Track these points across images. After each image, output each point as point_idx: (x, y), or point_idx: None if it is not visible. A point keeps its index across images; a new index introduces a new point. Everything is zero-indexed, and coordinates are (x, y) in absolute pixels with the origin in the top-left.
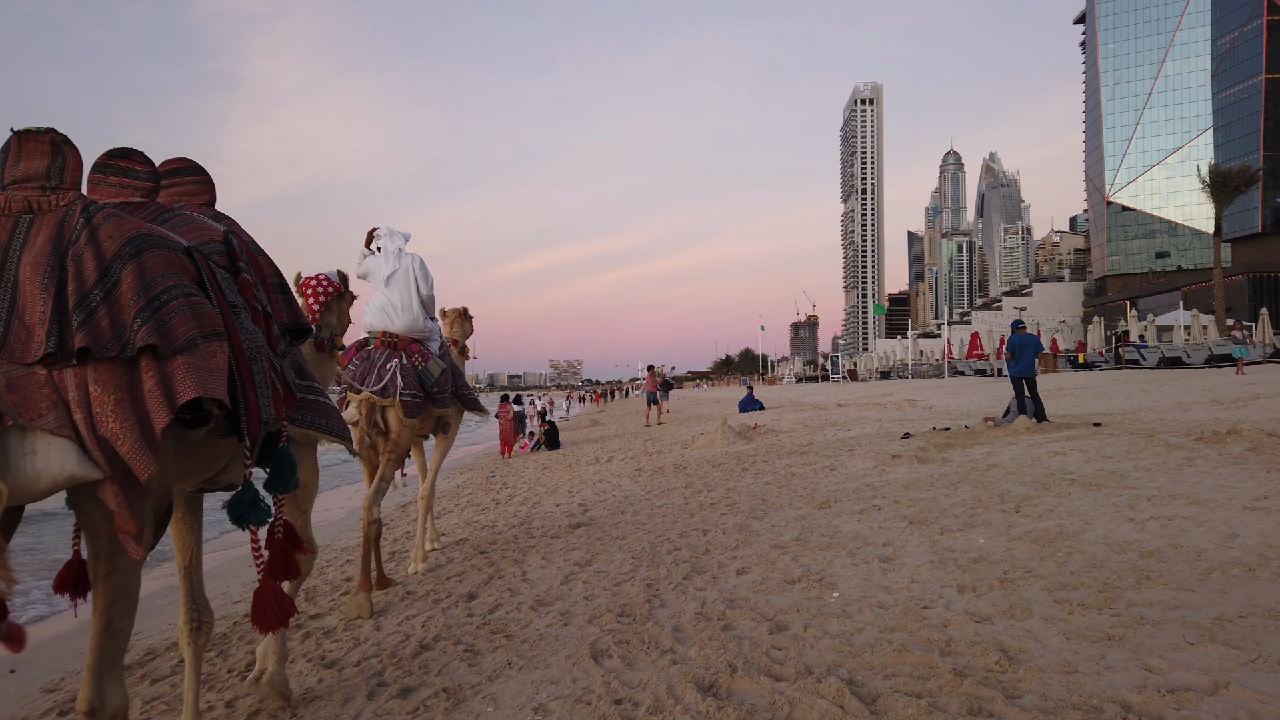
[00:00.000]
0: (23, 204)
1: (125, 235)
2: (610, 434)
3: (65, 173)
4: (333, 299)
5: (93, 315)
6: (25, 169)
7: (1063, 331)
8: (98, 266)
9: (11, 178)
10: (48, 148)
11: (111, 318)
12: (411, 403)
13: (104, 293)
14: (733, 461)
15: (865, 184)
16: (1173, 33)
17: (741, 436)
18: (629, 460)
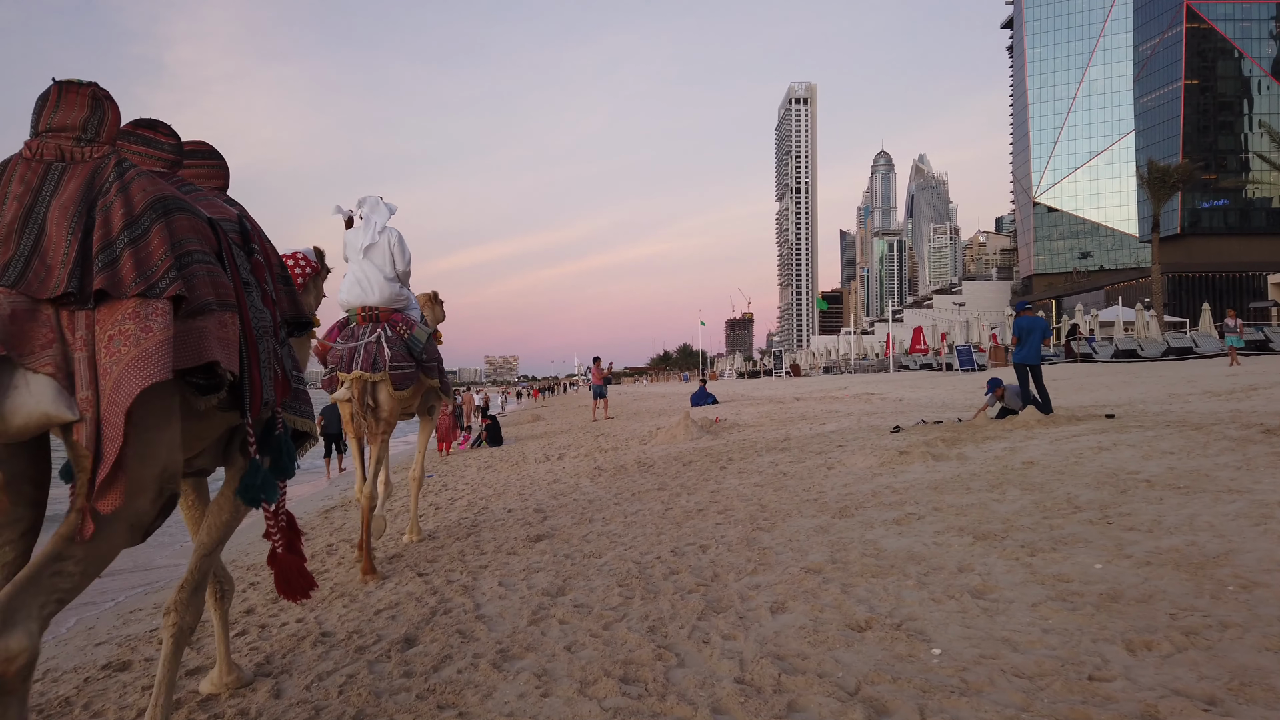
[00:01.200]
0: (55, 151)
1: (156, 194)
2: (555, 429)
3: (103, 127)
4: (310, 278)
5: (115, 262)
6: (62, 119)
7: (978, 328)
8: (125, 217)
9: (47, 125)
10: (88, 100)
11: (136, 264)
12: (401, 375)
13: (130, 240)
14: (705, 459)
15: (800, 182)
16: (1096, 39)
17: (706, 431)
18: (583, 458)
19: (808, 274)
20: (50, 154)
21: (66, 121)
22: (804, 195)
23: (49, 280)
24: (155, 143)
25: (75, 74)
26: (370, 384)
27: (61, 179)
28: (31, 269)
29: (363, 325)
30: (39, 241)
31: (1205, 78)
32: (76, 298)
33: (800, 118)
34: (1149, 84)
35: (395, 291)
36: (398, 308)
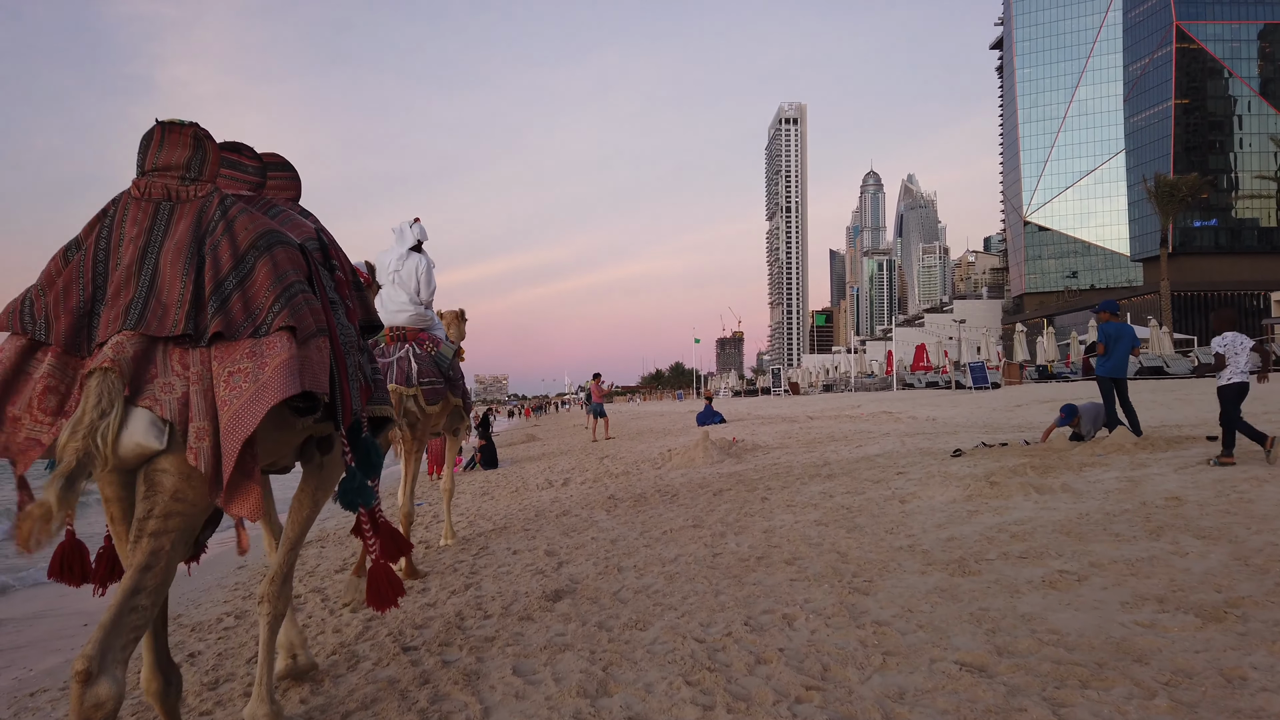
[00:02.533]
0: (162, 191)
1: (258, 230)
2: (554, 450)
3: (205, 166)
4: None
5: (226, 302)
6: (166, 158)
7: (986, 345)
8: (232, 256)
9: (153, 165)
10: (190, 140)
11: (245, 303)
12: (431, 389)
13: (238, 280)
14: (738, 487)
15: (790, 202)
16: (1085, 59)
17: (726, 453)
18: (592, 483)
19: (798, 293)
20: (158, 193)
21: (171, 161)
22: (794, 214)
23: (166, 320)
24: (241, 165)
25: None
26: (407, 396)
27: (171, 219)
28: (150, 309)
29: (391, 345)
30: (154, 282)
31: (1195, 97)
32: (193, 336)
33: (790, 137)
34: (1139, 104)
35: (421, 314)
36: (423, 328)
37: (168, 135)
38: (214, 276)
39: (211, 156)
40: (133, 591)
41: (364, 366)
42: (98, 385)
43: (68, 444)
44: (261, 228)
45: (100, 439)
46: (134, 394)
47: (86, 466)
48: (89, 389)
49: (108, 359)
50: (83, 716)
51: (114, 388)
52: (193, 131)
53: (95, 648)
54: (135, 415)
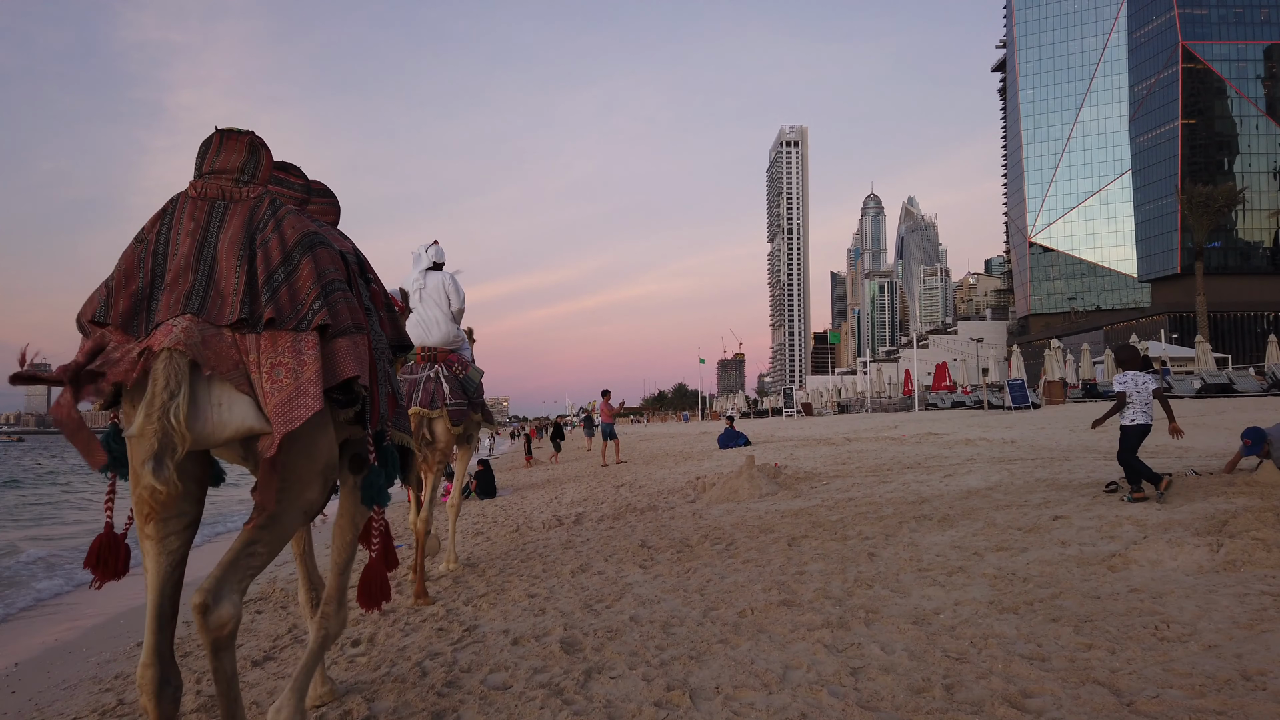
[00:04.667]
0: (217, 191)
1: (303, 230)
2: (560, 476)
3: (259, 170)
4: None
5: (277, 292)
6: (223, 162)
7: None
8: (281, 251)
9: (210, 167)
10: (246, 146)
11: (291, 295)
12: (457, 411)
13: (286, 274)
14: (815, 531)
15: (791, 224)
16: (1090, 79)
17: (774, 481)
18: (612, 522)
19: (800, 315)
20: (213, 193)
21: (228, 164)
22: (795, 236)
23: (225, 308)
24: (288, 183)
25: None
26: (428, 419)
27: (225, 216)
28: (210, 298)
29: (421, 364)
30: (212, 273)
31: (1202, 117)
32: (248, 323)
33: (791, 160)
34: (1145, 124)
35: (454, 333)
36: (454, 348)
37: (226, 141)
38: (265, 268)
39: (265, 162)
40: (250, 541)
41: (392, 378)
42: (165, 367)
43: (144, 427)
44: (307, 229)
45: (174, 418)
46: (228, 378)
47: (170, 447)
48: (156, 371)
49: (179, 341)
50: (211, 636)
51: (180, 369)
52: (249, 139)
53: (212, 584)
54: (239, 399)
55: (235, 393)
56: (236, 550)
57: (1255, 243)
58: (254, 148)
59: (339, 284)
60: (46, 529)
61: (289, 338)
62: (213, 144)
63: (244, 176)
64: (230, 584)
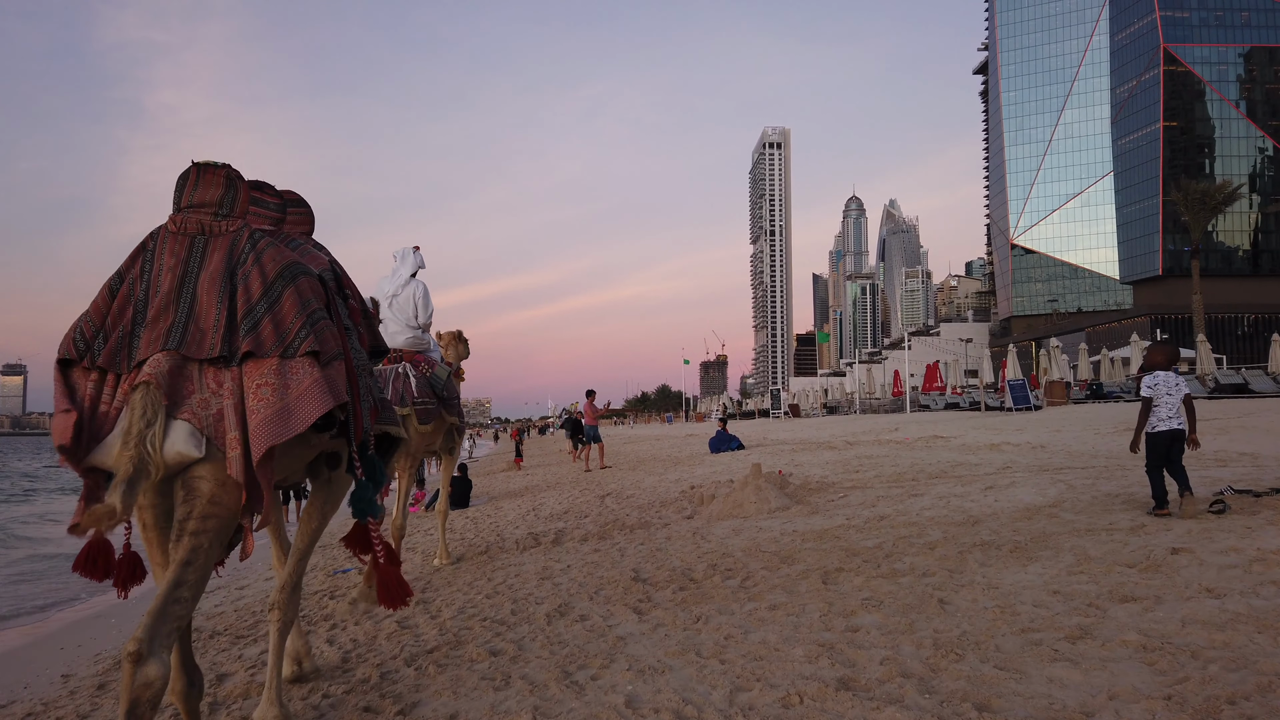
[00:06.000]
0: (196, 226)
1: (284, 262)
2: (539, 483)
3: (236, 204)
4: None
5: (257, 325)
6: (201, 196)
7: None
8: (262, 285)
9: (188, 202)
10: (223, 180)
11: (274, 326)
12: (424, 410)
13: (267, 306)
14: (853, 563)
15: (774, 225)
16: (1071, 82)
17: (786, 494)
18: (597, 542)
19: (782, 316)
20: (193, 228)
21: (206, 199)
22: (778, 238)
23: (204, 343)
24: (264, 203)
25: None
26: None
27: (206, 251)
28: (189, 334)
29: (388, 365)
30: (193, 308)
31: (1183, 119)
32: (226, 359)
33: (774, 162)
34: (1127, 126)
35: (417, 338)
36: (419, 350)
37: (203, 175)
38: (245, 303)
39: (242, 195)
40: (175, 584)
41: (373, 389)
42: (141, 398)
43: (121, 453)
44: (287, 260)
45: (150, 446)
46: (174, 407)
47: (143, 472)
48: (133, 402)
49: (148, 375)
50: (134, 694)
51: (155, 400)
52: (225, 172)
53: (145, 632)
54: (176, 427)
55: (176, 421)
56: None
57: (1234, 246)
58: (231, 181)
59: (321, 313)
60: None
61: (274, 363)
62: (190, 178)
63: (223, 210)
64: (158, 638)
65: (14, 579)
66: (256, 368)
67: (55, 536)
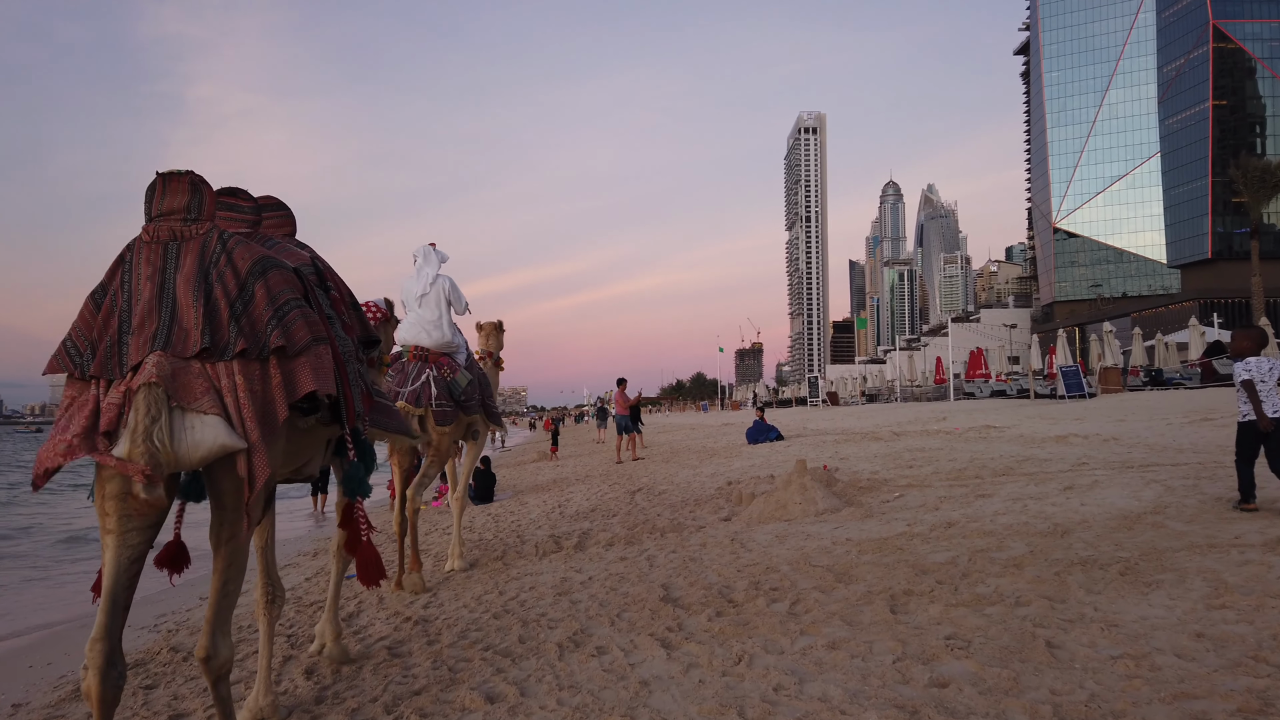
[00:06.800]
0: (168, 233)
1: (254, 257)
2: (568, 475)
3: (203, 207)
4: (380, 324)
5: (240, 322)
6: (169, 204)
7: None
8: (236, 282)
9: (158, 211)
10: (188, 187)
11: (250, 324)
12: (441, 412)
13: (244, 304)
14: (928, 584)
15: (810, 212)
16: (1116, 61)
17: (833, 493)
18: (624, 547)
19: (818, 303)
20: (165, 235)
21: (174, 206)
22: (814, 225)
23: (188, 342)
24: (237, 207)
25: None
26: (415, 416)
27: (179, 255)
28: (174, 334)
29: (413, 363)
30: (174, 310)
31: (1234, 98)
32: (212, 351)
33: (810, 147)
34: (1175, 105)
35: (447, 338)
36: (447, 352)
37: (169, 184)
38: (227, 299)
39: (208, 199)
40: (223, 584)
41: (364, 375)
42: (145, 397)
43: (131, 449)
44: (257, 255)
45: (158, 440)
46: (193, 402)
47: (156, 464)
48: (138, 402)
49: (152, 374)
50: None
51: (160, 398)
52: (189, 178)
53: (208, 638)
54: (207, 421)
55: (205, 416)
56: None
57: None
58: (195, 186)
59: (294, 302)
60: None
61: (256, 366)
62: (157, 188)
63: (190, 215)
64: (223, 626)
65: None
66: (245, 367)
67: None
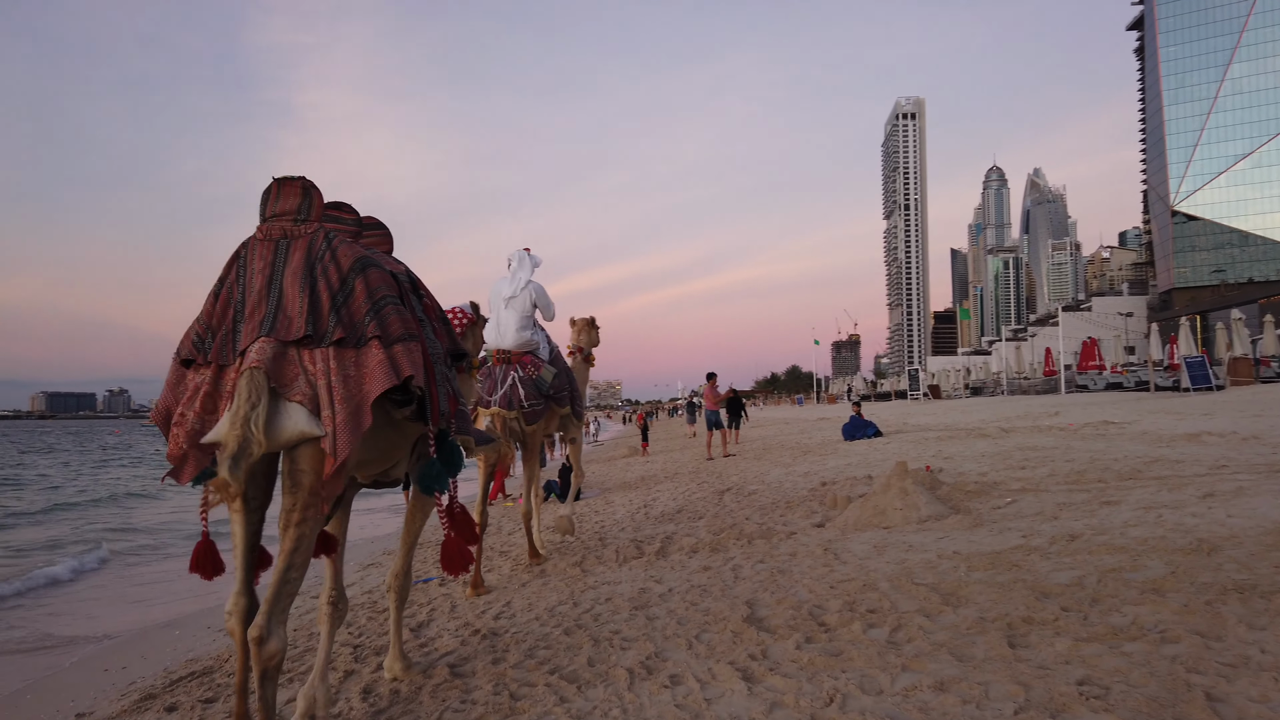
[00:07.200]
0: (280, 232)
1: (355, 255)
2: (657, 472)
3: (312, 209)
4: (468, 328)
5: (341, 312)
6: (283, 206)
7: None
8: (339, 277)
9: (272, 212)
10: (299, 190)
11: (350, 315)
12: (532, 411)
13: (344, 296)
14: (1051, 611)
15: (908, 199)
16: (1239, 33)
17: (937, 497)
18: (708, 555)
19: (918, 293)
20: (277, 234)
21: (286, 208)
22: (913, 212)
23: (291, 328)
24: (341, 219)
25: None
26: (510, 419)
27: (288, 252)
28: (278, 320)
29: (498, 365)
30: (280, 300)
31: None
32: (313, 339)
33: (908, 133)
34: None
35: (526, 339)
36: (528, 350)
37: (282, 188)
38: (329, 291)
39: (317, 201)
40: (286, 568)
41: (450, 380)
42: (247, 382)
43: (229, 432)
44: (358, 254)
45: (253, 426)
46: (285, 390)
47: (247, 449)
48: (240, 386)
49: (255, 361)
50: (263, 666)
51: (260, 384)
52: (301, 183)
53: (265, 618)
54: (291, 409)
55: (292, 403)
56: (276, 583)
57: None
58: (306, 190)
59: (390, 299)
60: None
61: (352, 354)
62: (272, 192)
63: (300, 216)
64: (276, 617)
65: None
66: (341, 355)
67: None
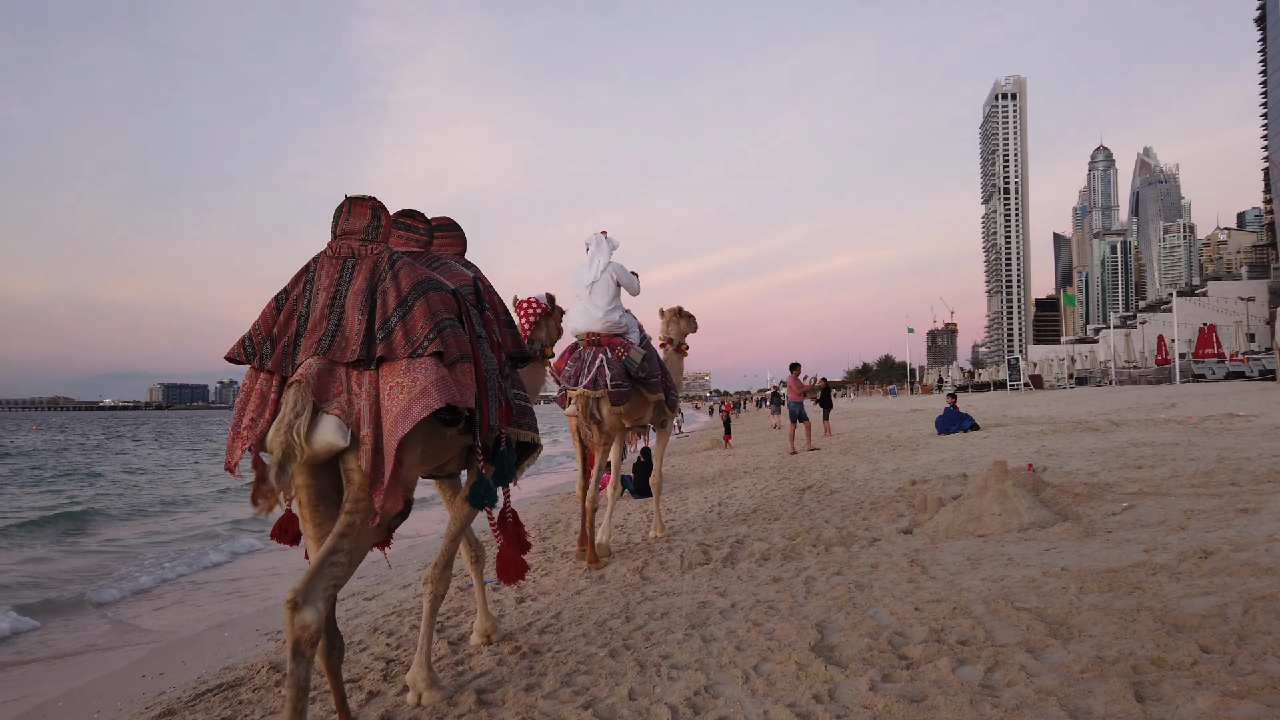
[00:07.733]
0: (348, 251)
1: (416, 279)
2: (738, 465)
3: (379, 230)
4: (541, 318)
5: (390, 333)
6: (352, 225)
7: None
8: (397, 299)
9: (342, 230)
10: (369, 210)
11: (405, 332)
12: (618, 392)
13: (400, 316)
14: (1187, 650)
15: (1007, 183)
16: None
17: (1041, 500)
18: (780, 564)
19: (1019, 280)
20: (345, 252)
21: (355, 227)
22: (1013, 196)
23: (347, 350)
24: (413, 228)
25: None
26: (593, 400)
27: (353, 272)
28: (336, 341)
29: (587, 349)
30: (341, 321)
31: None
32: (365, 362)
33: (1008, 114)
34: None
35: (614, 321)
36: (617, 333)
37: (354, 207)
38: (382, 314)
39: (385, 223)
40: (332, 550)
41: (505, 390)
42: (294, 394)
43: (274, 439)
44: (420, 277)
45: (296, 434)
46: (324, 403)
47: (291, 456)
48: (287, 397)
49: (300, 375)
50: (295, 635)
51: (304, 396)
52: (371, 204)
53: (303, 585)
54: (325, 420)
55: (326, 415)
56: (321, 558)
57: None
58: (375, 211)
59: (449, 321)
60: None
61: (403, 364)
62: (344, 210)
63: (369, 236)
64: (314, 591)
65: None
66: (390, 370)
67: None
